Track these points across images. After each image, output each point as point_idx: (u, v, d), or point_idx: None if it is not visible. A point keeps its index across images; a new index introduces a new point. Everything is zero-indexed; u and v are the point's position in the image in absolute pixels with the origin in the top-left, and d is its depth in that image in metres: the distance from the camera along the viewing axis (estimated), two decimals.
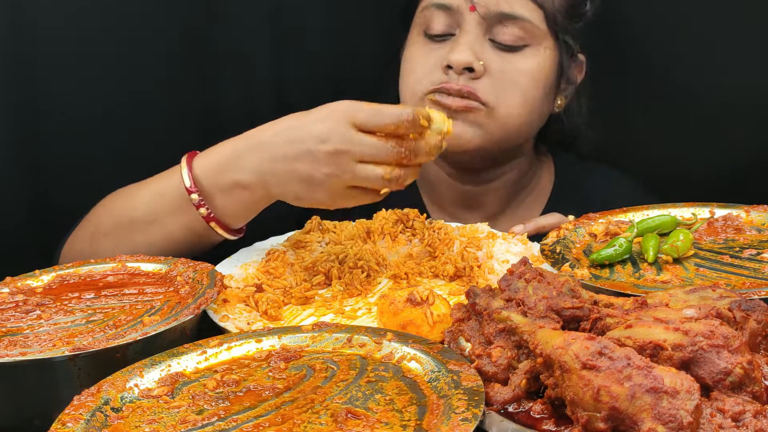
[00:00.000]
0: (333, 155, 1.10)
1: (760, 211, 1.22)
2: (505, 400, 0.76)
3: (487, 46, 1.36)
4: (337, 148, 1.10)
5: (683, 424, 0.64)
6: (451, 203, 1.52)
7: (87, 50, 1.45)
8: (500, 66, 1.36)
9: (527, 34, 1.36)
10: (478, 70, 1.34)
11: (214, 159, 1.21)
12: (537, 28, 1.36)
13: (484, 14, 1.34)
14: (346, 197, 1.14)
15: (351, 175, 1.11)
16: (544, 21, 1.37)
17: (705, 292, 0.84)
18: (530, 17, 1.35)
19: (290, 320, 1.09)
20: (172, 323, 0.93)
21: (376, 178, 1.11)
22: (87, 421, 0.75)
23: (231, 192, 1.19)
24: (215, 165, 1.20)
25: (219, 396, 0.80)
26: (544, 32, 1.37)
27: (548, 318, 0.82)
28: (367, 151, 1.10)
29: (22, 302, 1.04)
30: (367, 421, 0.74)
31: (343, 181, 1.11)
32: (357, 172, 1.10)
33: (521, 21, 1.35)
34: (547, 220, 1.33)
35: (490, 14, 1.35)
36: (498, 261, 1.20)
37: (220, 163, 1.20)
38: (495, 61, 1.36)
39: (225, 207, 1.20)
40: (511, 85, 1.36)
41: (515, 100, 1.37)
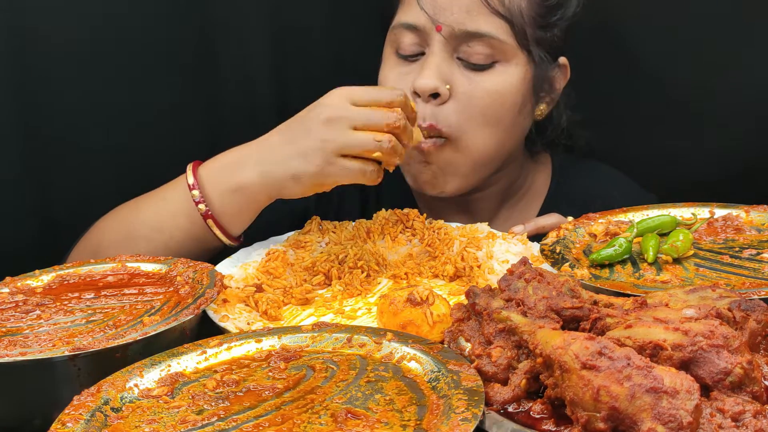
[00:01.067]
0: (327, 122, 1.15)
1: (760, 211, 1.22)
2: (505, 400, 0.77)
3: (454, 66, 1.34)
4: (331, 116, 1.15)
5: (683, 424, 0.64)
6: (445, 209, 1.51)
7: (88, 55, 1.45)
8: (466, 88, 1.33)
9: (495, 51, 1.33)
10: (444, 95, 1.32)
11: (219, 162, 1.25)
12: (505, 44, 1.33)
13: (449, 34, 1.31)
14: (341, 167, 1.15)
15: (344, 138, 1.14)
16: (513, 36, 1.33)
17: (705, 292, 0.84)
18: (497, 34, 1.32)
19: (290, 320, 1.09)
20: (172, 323, 0.93)
21: (368, 141, 1.14)
22: (87, 421, 0.75)
23: (232, 194, 1.21)
24: (218, 168, 1.24)
25: (219, 396, 0.80)
26: (513, 47, 1.34)
27: (548, 318, 0.82)
28: (360, 116, 1.14)
29: (22, 302, 1.04)
30: (367, 421, 0.74)
31: (337, 145, 1.14)
32: (349, 136, 1.14)
33: (488, 38, 1.32)
34: (546, 220, 1.33)
35: (456, 33, 1.32)
36: (498, 261, 1.20)
37: (224, 165, 1.23)
38: (462, 84, 1.33)
39: (224, 207, 1.22)
40: (475, 109, 1.34)
41: (478, 126, 1.35)
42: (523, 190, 1.55)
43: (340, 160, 1.15)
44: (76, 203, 1.47)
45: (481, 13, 1.31)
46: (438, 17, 1.32)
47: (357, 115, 1.15)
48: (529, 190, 1.55)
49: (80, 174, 1.48)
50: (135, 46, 1.48)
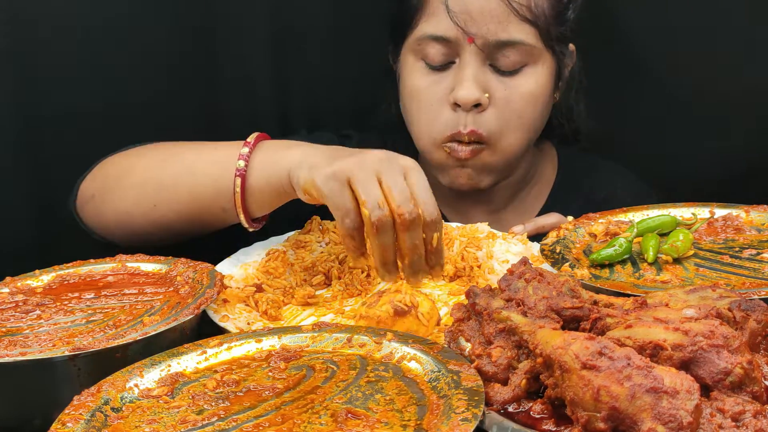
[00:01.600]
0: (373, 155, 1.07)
1: (760, 211, 1.22)
2: (505, 400, 0.76)
3: (488, 73, 1.38)
4: (381, 156, 1.06)
5: (683, 424, 0.64)
6: (457, 199, 1.54)
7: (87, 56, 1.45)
8: (503, 94, 1.38)
9: (526, 55, 1.37)
10: (485, 104, 1.37)
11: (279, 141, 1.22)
12: (534, 48, 1.37)
13: (483, 45, 1.35)
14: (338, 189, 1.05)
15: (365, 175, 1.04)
16: (540, 39, 1.37)
17: (705, 292, 0.84)
18: (527, 39, 1.36)
19: (290, 320, 1.09)
20: (172, 323, 0.93)
21: (374, 195, 1.03)
22: (87, 421, 0.75)
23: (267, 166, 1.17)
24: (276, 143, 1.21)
25: (219, 396, 0.80)
26: (541, 49, 1.38)
27: (548, 318, 0.82)
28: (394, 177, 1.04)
29: (22, 302, 1.04)
30: (367, 421, 0.74)
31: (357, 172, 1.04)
32: (369, 179, 1.04)
33: (519, 45, 1.36)
34: (546, 220, 1.34)
35: (488, 44, 1.35)
36: (498, 261, 1.20)
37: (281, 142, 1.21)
38: (498, 89, 1.38)
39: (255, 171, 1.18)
40: (512, 113, 1.39)
41: (515, 128, 1.40)
42: (534, 180, 1.58)
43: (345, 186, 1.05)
44: None
45: (511, 22, 1.35)
46: (469, 29, 1.34)
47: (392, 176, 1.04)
48: (539, 180, 1.59)
49: (80, 174, 1.48)
50: (135, 47, 1.48)
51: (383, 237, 1.04)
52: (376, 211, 1.03)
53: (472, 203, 1.54)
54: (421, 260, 1.06)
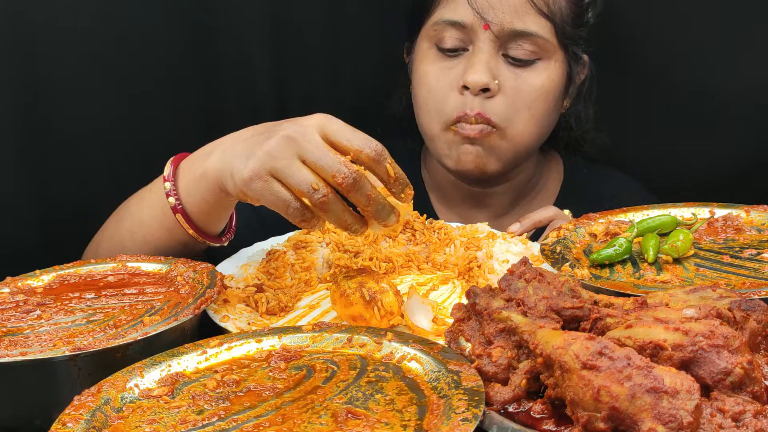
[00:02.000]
0: (282, 139, 1.03)
1: (760, 211, 1.22)
2: (505, 400, 0.76)
3: (500, 62, 1.39)
4: (290, 135, 1.03)
5: (683, 424, 0.64)
6: (459, 203, 1.54)
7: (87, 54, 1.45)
8: (513, 83, 1.39)
9: (539, 48, 1.39)
10: (494, 90, 1.38)
11: (196, 153, 1.19)
12: (548, 42, 1.39)
13: (498, 32, 1.37)
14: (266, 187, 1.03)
15: (284, 163, 1.02)
16: (555, 35, 1.39)
17: (705, 292, 0.84)
18: (542, 33, 1.38)
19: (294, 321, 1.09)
20: (172, 323, 0.93)
21: (304, 181, 1.01)
22: (87, 421, 0.75)
23: (196, 182, 1.16)
24: (193, 157, 1.19)
25: (219, 396, 0.80)
26: (555, 46, 1.40)
27: (548, 318, 0.82)
28: (314, 150, 1.02)
29: (22, 302, 1.04)
30: (368, 421, 0.74)
31: (273, 166, 1.02)
32: (291, 165, 1.02)
33: (534, 37, 1.37)
34: (541, 214, 1.34)
35: (504, 32, 1.37)
36: (498, 261, 1.20)
37: (198, 154, 1.18)
38: (509, 78, 1.39)
39: (189, 197, 1.17)
40: (522, 104, 1.40)
41: (525, 119, 1.41)
42: (536, 190, 1.58)
43: (271, 180, 1.03)
44: (76, 202, 1.47)
45: (528, 13, 1.37)
46: (486, 16, 1.37)
47: (311, 150, 1.02)
48: (543, 188, 1.58)
49: (80, 174, 1.48)
50: (134, 45, 1.48)
51: (333, 209, 1.02)
52: (314, 195, 1.01)
53: (474, 207, 1.54)
54: (383, 206, 1.04)
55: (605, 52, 1.55)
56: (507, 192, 1.55)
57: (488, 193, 1.53)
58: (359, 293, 1.01)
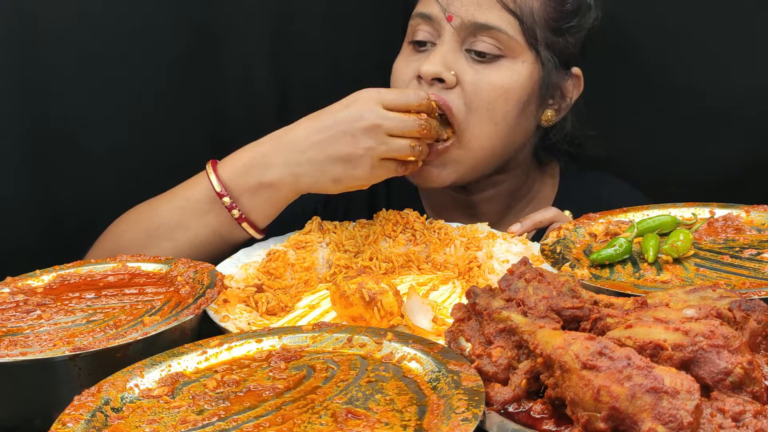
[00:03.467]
0: (369, 130, 1.21)
1: (760, 211, 1.22)
2: (505, 400, 0.76)
3: (461, 57, 1.36)
4: (373, 123, 1.21)
5: (683, 424, 0.64)
6: (451, 210, 1.52)
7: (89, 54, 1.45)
8: (472, 78, 1.35)
9: (502, 45, 1.35)
10: (449, 81, 1.34)
11: (240, 163, 1.27)
12: (513, 39, 1.35)
13: (460, 24, 1.34)
14: (381, 169, 1.24)
15: (386, 147, 1.22)
16: (521, 33, 1.35)
17: (705, 292, 0.84)
18: (506, 28, 1.34)
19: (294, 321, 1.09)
20: (172, 323, 0.93)
21: (406, 147, 1.23)
22: (87, 421, 0.75)
23: (257, 192, 1.25)
24: (241, 168, 1.26)
25: (219, 396, 0.80)
26: (521, 45, 1.36)
27: (548, 318, 0.82)
28: (396, 124, 1.22)
29: (22, 302, 1.04)
30: (368, 421, 0.74)
31: (380, 152, 1.22)
32: (390, 144, 1.22)
33: (496, 31, 1.34)
34: (542, 215, 1.33)
35: (465, 24, 1.34)
36: (498, 261, 1.20)
37: (246, 165, 1.26)
38: (468, 73, 1.35)
39: (253, 207, 1.26)
40: (480, 101, 1.35)
41: (482, 119, 1.36)
42: (529, 197, 1.55)
43: (383, 163, 1.23)
44: (77, 202, 1.48)
45: (492, 7, 1.35)
46: (450, 8, 1.36)
47: (394, 124, 1.22)
48: (536, 197, 1.56)
49: (81, 173, 1.48)
50: (135, 46, 1.48)
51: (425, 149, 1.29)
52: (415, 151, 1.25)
53: (467, 216, 1.50)
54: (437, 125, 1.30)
55: (605, 53, 1.55)
56: (496, 200, 1.52)
57: (477, 201, 1.51)
58: (359, 294, 1.01)
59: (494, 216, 1.52)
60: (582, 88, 1.47)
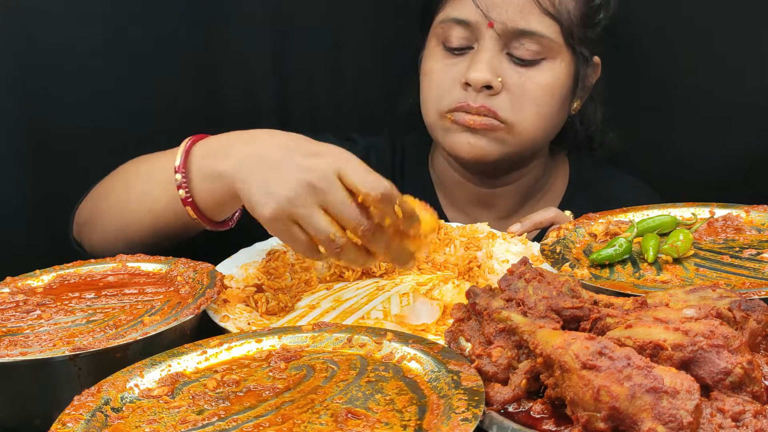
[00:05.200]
0: (305, 185, 1.03)
1: (760, 211, 1.22)
2: (505, 400, 0.77)
3: (504, 61, 1.39)
4: (312, 182, 1.03)
5: (683, 424, 0.64)
6: (466, 203, 1.54)
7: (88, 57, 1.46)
8: (517, 81, 1.38)
9: (544, 48, 1.38)
10: (496, 87, 1.37)
11: (212, 144, 1.19)
12: (554, 42, 1.38)
13: (502, 31, 1.36)
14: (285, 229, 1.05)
15: (305, 212, 1.03)
16: (561, 35, 1.38)
17: (705, 292, 0.84)
18: (547, 33, 1.37)
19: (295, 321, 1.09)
20: (172, 323, 0.93)
21: (323, 232, 1.02)
22: (87, 421, 0.75)
23: (210, 179, 1.15)
24: (210, 150, 1.18)
25: (219, 396, 0.80)
26: (561, 45, 1.39)
27: (548, 318, 0.82)
28: (336, 203, 1.02)
29: (22, 302, 1.04)
30: (367, 421, 0.74)
31: (295, 213, 1.03)
32: (312, 215, 1.03)
33: (538, 36, 1.37)
34: (542, 215, 1.34)
35: (508, 31, 1.36)
36: (498, 261, 1.20)
37: (216, 148, 1.18)
38: (512, 77, 1.38)
39: (200, 193, 1.17)
40: (528, 100, 1.39)
41: (532, 115, 1.40)
42: (543, 190, 1.58)
43: (291, 224, 1.04)
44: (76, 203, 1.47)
45: (533, 13, 1.36)
46: (491, 14, 1.36)
47: (333, 202, 1.02)
48: (549, 189, 1.58)
49: (81, 174, 1.47)
50: (135, 48, 1.48)
51: (348, 255, 1.03)
52: (330, 245, 1.02)
53: (480, 207, 1.53)
54: (401, 252, 1.05)
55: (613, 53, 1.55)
56: (514, 193, 1.54)
57: (495, 193, 1.53)
58: None
59: (508, 210, 1.55)
60: (599, 73, 1.50)
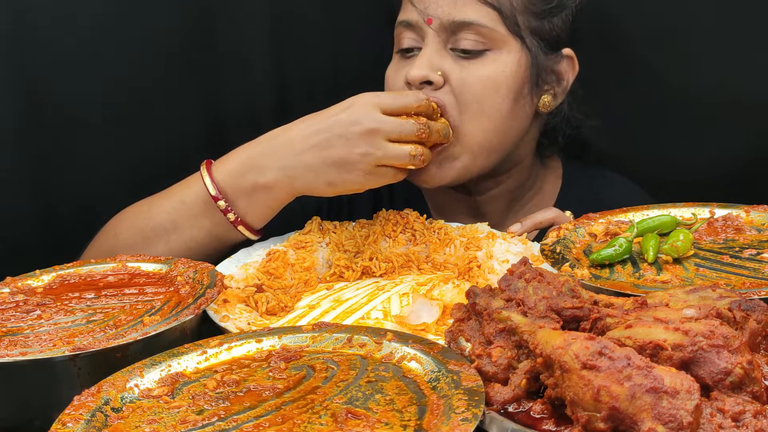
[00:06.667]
0: (366, 135, 1.19)
1: (760, 211, 1.22)
2: (505, 400, 0.77)
3: (447, 57, 1.35)
4: (369, 128, 1.19)
5: (683, 424, 0.64)
6: (456, 212, 1.52)
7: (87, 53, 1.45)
8: (459, 75, 1.34)
9: (486, 39, 1.34)
10: (436, 81, 1.33)
11: (235, 164, 1.26)
12: (494, 31, 1.34)
13: (440, 26, 1.34)
14: (377, 175, 1.22)
15: (383, 152, 1.20)
16: (502, 23, 1.34)
17: (705, 292, 0.84)
18: (485, 22, 1.33)
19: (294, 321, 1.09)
20: (172, 323, 0.93)
21: (404, 155, 1.21)
22: (87, 421, 0.75)
23: (253, 195, 1.24)
24: (236, 170, 1.25)
25: (219, 396, 0.80)
26: (504, 35, 1.35)
27: (548, 318, 0.82)
28: (394, 128, 1.20)
29: (22, 302, 1.04)
30: (367, 421, 0.74)
31: (376, 158, 1.20)
32: (387, 150, 1.20)
33: (476, 26, 1.33)
34: (543, 215, 1.33)
35: (445, 24, 1.34)
36: (498, 261, 1.20)
37: (242, 166, 1.25)
38: (454, 70, 1.34)
39: (248, 210, 1.25)
40: (470, 95, 1.34)
41: (475, 113, 1.35)
42: (531, 194, 1.55)
43: (379, 169, 1.21)
44: (76, 202, 1.47)
45: (468, 3, 1.34)
46: (428, 11, 1.35)
47: (392, 128, 1.20)
48: (538, 194, 1.55)
49: (80, 173, 1.48)
50: (135, 45, 1.48)
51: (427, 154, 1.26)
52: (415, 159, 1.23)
53: (470, 215, 1.51)
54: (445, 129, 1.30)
55: (603, 52, 1.55)
56: (500, 198, 1.51)
57: (481, 201, 1.51)
58: None
59: (498, 215, 1.52)
60: (577, 69, 1.46)
